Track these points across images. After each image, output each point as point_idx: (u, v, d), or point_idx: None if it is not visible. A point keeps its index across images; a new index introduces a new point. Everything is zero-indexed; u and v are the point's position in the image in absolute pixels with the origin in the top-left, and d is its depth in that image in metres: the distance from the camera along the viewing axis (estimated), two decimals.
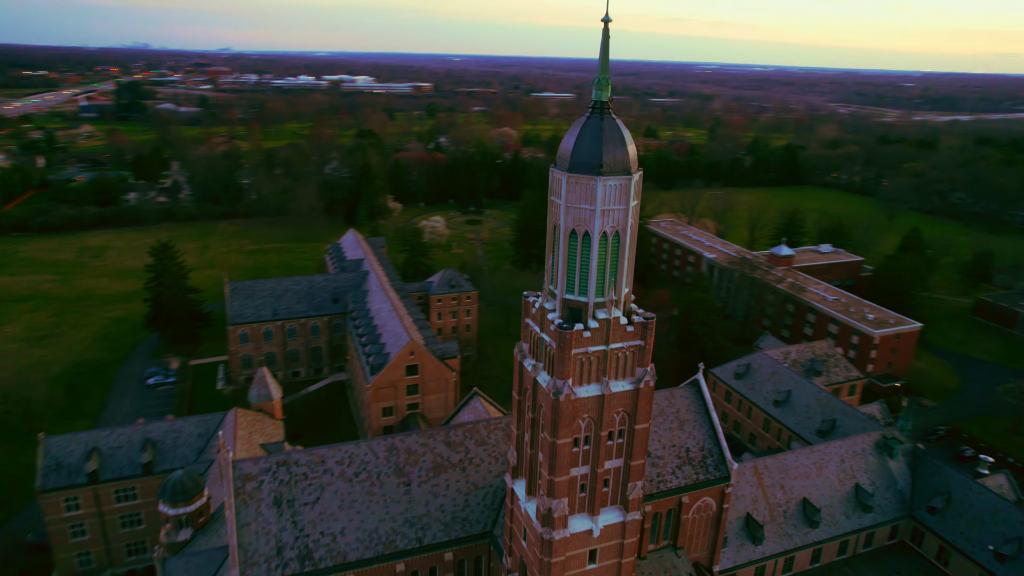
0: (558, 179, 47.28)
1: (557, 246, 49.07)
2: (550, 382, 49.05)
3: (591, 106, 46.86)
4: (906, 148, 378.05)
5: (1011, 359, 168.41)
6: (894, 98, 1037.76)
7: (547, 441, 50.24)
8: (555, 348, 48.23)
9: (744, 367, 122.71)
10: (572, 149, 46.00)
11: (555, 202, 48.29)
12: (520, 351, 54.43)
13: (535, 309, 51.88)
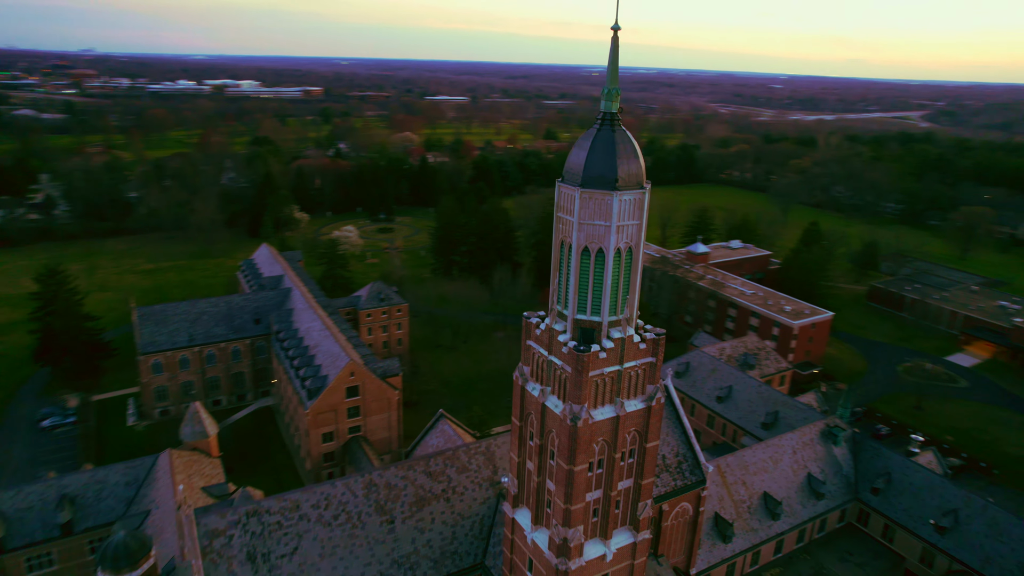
0: (568, 195, 45.01)
1: (566, 264, 46.83)
2: (565, 408, 46.76)
3: (600, 118, 44.91)
4: (790, 146, 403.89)
5: (905, 340, 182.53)
6: (767, 99, 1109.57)
7: (562, 469, 47.90)
8: (570, 372, 46.01)
9: (684, 365, 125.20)
10: (585, 163, 43.90)
11: (565, 219, 46.00)
12: (521, 375, 51.73)
13: (539, 331, 49.37)
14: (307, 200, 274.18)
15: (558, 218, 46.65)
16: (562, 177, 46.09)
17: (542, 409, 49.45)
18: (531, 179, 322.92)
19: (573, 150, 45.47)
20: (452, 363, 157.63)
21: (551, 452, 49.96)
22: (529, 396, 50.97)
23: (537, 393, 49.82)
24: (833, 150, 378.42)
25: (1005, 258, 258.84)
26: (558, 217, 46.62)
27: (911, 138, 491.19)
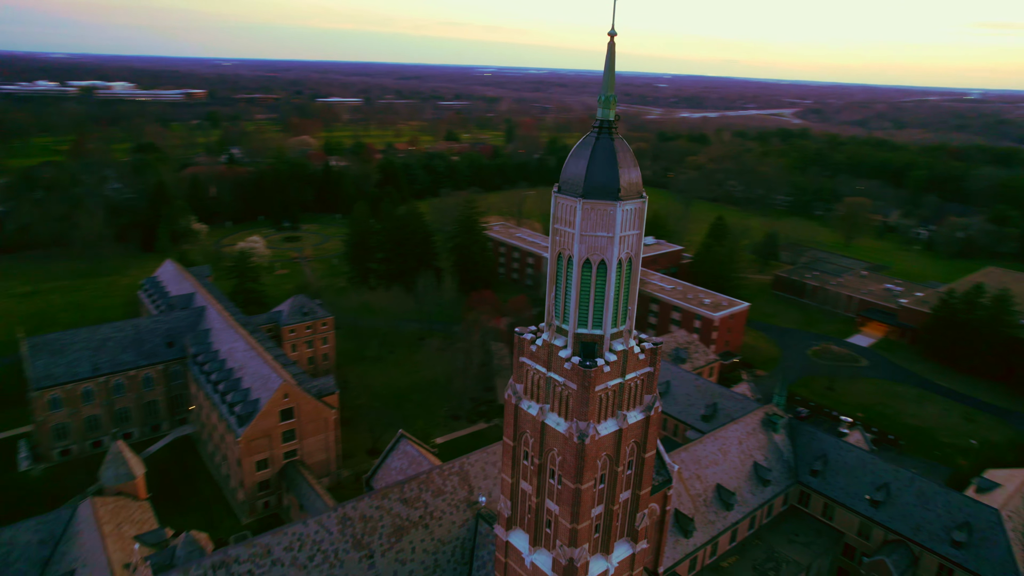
0: (568, 206, 43.42)
1: (565, 277, 45.24)
2: (570, 426, 45.20)
3: (597, 126, 43.64)
4: (684, 143, 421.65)
5: (809, 324, 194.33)
6: (654, 98, 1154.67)
7: (568, 488, 46.33)
8: (575, 389, 44.51)
9: None
10: (585, 173, 42.46)
11: (564, 231, 44.35)
12: (514, 393, 49.68)
13: (536, 347, 47.52)
14: (204, 210, 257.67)
15: (555, 230, 44.95)
16: (558, 187, 44.45)
17: (541, 428, 47.66)
18: (440, 182, 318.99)
19: (570, 159, 43.96)
20: (381, 375, 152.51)
21: (550, 471, 48.29)
22: (525, 415, 49.03)
23: (535, 412, 47.96)
24: (726, 147, 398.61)
25: (883, 243, 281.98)
26: (555, 229, 44.92)
27: (790, 134, 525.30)
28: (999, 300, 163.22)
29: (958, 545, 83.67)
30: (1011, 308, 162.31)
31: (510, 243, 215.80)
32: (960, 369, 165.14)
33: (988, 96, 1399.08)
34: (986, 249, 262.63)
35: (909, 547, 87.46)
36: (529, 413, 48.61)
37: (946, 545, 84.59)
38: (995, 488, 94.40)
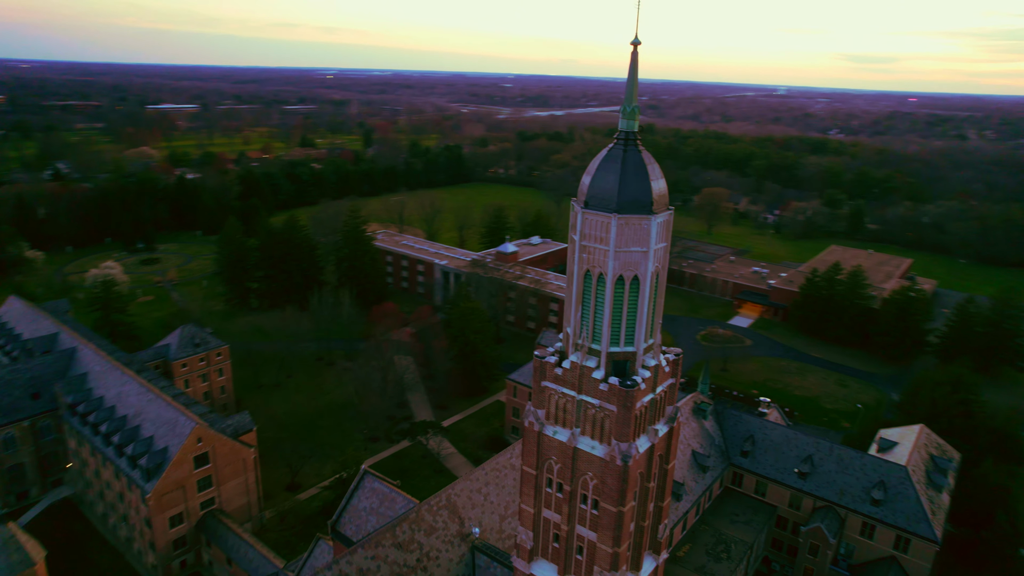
0: (600, 222, 41.68)
1: (596, 295, 43.48)
2: (610, 449, 43.64)
3: (621, 137, 42.31)
4: (546, 142, 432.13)
5: (693, 310, 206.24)
6: (502, 97, 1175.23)
7: (609, 512, 44.76)
8: (614, 410, 43.04)
9: None
10: (618, 187, 40.96)
11: (595, 247, 42.54)
12: (536, 419, 47.24)
13: (561, 369, 45.41)
14: (35, 234, 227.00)
15: (583, 247, 43.02)
16: (584, 203, 42.52)
17: (573, 454, 45.67)
18: (306, 191, 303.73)
19: (597, 173, 42.19)
20: (284, 402, 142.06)
21: (582, 496, 46.51)
22: (550, 442, 46.77)
23: (566, 438, 45.86)
24: (587, 144, 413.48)
25: (738, 229, 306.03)
26: (582, 247, 42.99)
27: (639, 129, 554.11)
28: (853, 276, 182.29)
29: (877, 503, 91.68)
30: (863, 282, 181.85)
31: (397, 251, 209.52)
32: (828, 340, 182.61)
33: (792, 92, 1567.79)
34: (823, 229, 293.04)
35: (836, 511, 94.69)
36: (556, 439, 46.46)
37: (867, 504, 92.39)
38: (894, 446, 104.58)
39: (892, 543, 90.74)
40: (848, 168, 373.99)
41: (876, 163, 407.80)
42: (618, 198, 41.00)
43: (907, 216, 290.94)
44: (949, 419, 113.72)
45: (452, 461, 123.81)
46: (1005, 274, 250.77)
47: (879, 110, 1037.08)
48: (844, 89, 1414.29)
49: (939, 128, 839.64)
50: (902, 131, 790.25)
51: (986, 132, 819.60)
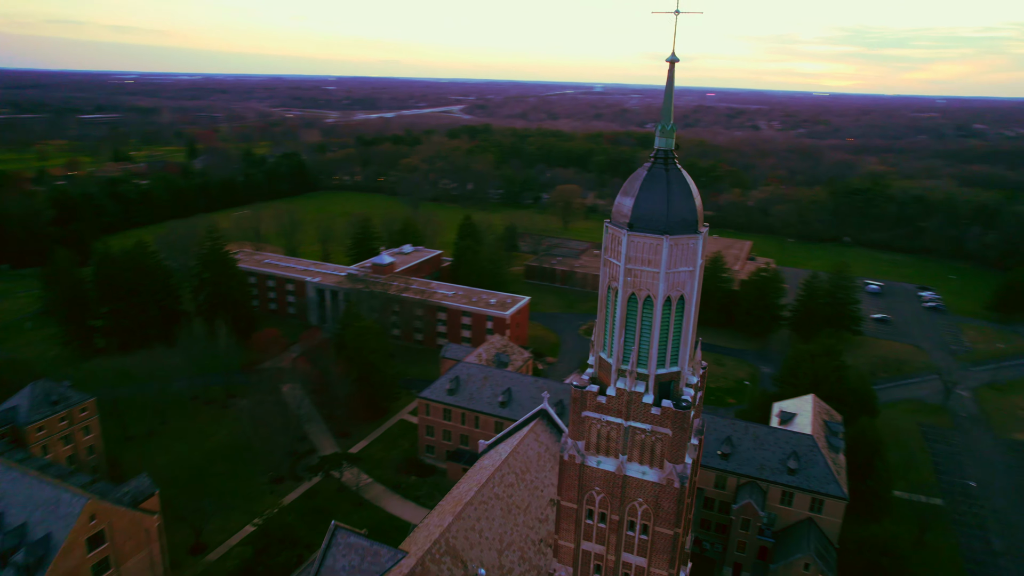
0: (650, 244, 40.50)
1: (642, 318, 42.27)
2: (667, 473, 42.81)
3: (662, 156, 41.37)
4: (391, 146, 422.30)
5: (569, 306, 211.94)
6: (327, 100, 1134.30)
7: (664, 536, 43.99)
8: (669, 433, 42.28)
9: (453, 381, 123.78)
10: (667, 208, 40.02)
11: (642, 271, 41.31)
12: (575, 451, 45.19)
13: (604, 398, 43.75)
14: None
15: (628, 271, 41.62)
16: (629, 225, 41.09)
17: (623, 482, 44.26)
18: (134, 211, 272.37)
19: (641, 194, 40.89)
20: (164, 453, 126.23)
21: (629, 523, 45.33)
22: (593, 473, 44.99)
23: (613, 467, 44.34)
24: (436, 146, 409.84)
25: (592, 223, 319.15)
26: (628, 270, 41.59)
27: (475, 130, 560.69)
28: (714, 261, 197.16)
29: (792, 472, 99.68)
30: (723, 267, 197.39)
31: (262, 272, 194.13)
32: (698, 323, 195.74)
33: (609, 89, 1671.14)
34: None
35: (758, 484, 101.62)
36: (601, 470, 44.81)
37: (784, 474, 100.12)
38: (794, 417, 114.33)
39: (808, 506, 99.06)
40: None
41: (697, 154, 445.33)
42: (667, 219, 40.15)
43: (736, 202, 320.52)
44: (828, 385, 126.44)
45: (371, 491, 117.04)
46: (823, 249, 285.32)
47: (685, 104, 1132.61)
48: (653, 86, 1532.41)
49: (736, 120, 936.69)
50: (708, 123, 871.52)
51: (773, 123, 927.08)
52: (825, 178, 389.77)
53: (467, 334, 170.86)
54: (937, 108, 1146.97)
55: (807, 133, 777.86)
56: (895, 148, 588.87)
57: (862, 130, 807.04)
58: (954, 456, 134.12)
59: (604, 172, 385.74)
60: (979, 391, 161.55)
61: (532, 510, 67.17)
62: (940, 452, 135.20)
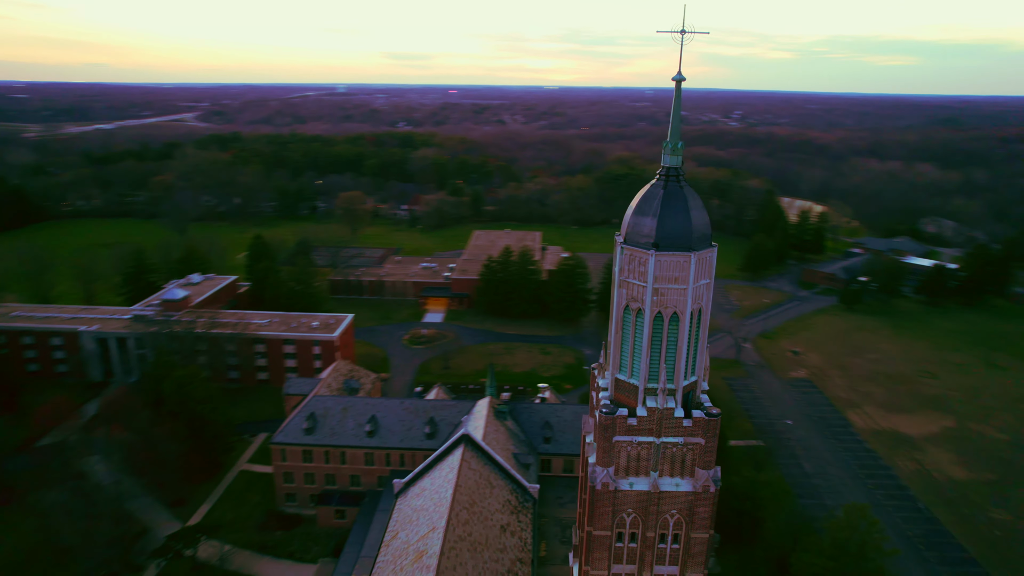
0: (678, 262, 40.83)
1: (668, 334, 42.52)
2: (701, 480, 43.92)
3: (674, 175, 41.59)
4: (134, 163, 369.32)
5: (385, 318, 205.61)
6: (20, 111, 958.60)
7: (700, 540, 45.41)
8: (701, 442, 43.45)
9: (309, 418, 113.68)
10: (691, 225, 40.63)
11: (670, 289, 41.53)
12: (608, 479, 44.25)
13: (635, 419, 43.42)
14: None
15: (655, 290, 41.51)
16: (655, 246, 40.90)
17: (658, 498, 44.48)
18: None
19: (663, 214, 40.70)
20: None
21: (661, 536, 45.88)
22: (625, 496, 44.48)
23: (647, 485, 44.26)
24: (192, 160, 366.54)
25: (379, 229, 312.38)
26: (655, 289, 41.46)
27: (223, 139, 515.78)
28: (523, 255, 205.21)
29: None
30: (532, 260, 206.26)
31: (12, 328, 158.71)
32: (514, 317, 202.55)
33: (353, 89, 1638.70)
34: (453, 216, 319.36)
35: None
36: (635, 491, 44.59)
37: None
38: None
39: None
40: (449, 157, 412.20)
41: (464, 151, 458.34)
42: (692, 236, 40.83)
43: (514, 195, 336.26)
44: None
45: (235, 560, 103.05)
46: (599, 233, 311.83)
47: (432, 102, 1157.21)
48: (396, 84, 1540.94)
49: (483, 115, 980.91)
50: (458, 120, 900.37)
51: (516, 117, 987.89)
52: (579, 166, 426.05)
53: (292, 364, 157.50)
54: (648, 98, 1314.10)
55: (548, 125, 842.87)
56: (627, 135, 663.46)
57: (593, 119, 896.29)
58: (757, 401, 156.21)
59: (378, 175, 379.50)
60: (756, 341, 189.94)
61: (491, 542, 64.49)
62: (746, 400, 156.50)
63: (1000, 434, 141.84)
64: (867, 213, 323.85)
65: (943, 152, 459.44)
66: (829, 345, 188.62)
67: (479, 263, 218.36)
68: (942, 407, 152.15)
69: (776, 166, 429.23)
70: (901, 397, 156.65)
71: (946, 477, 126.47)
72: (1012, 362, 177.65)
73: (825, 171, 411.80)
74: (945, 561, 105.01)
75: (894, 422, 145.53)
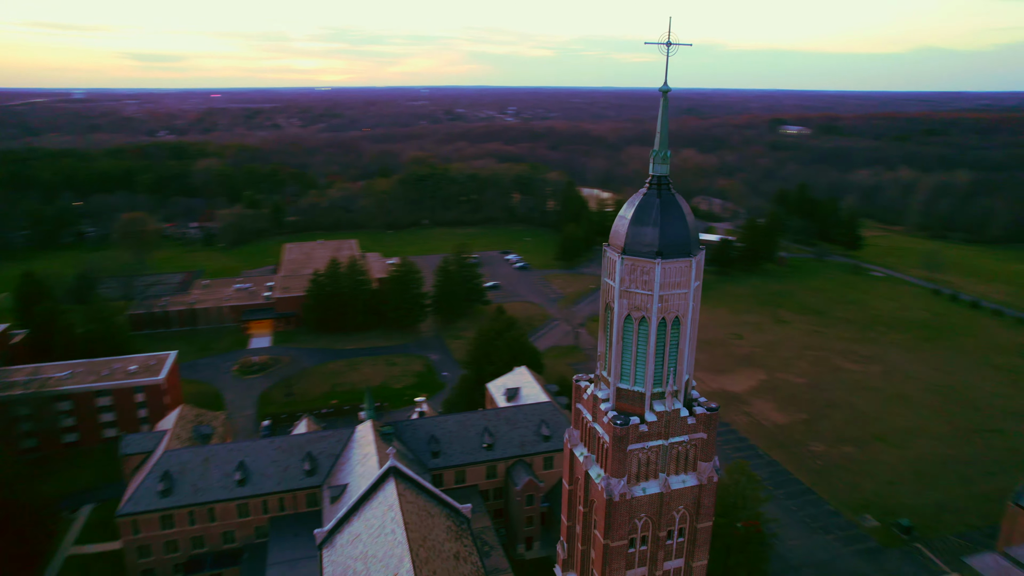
0: (679, 268, 41.84)
1: (670, 339, 43.58)
2: (704, 472, 45.85)
3: (665, 183, 42.36)
4: None
5: (205, 350, 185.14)
6: None
7: (707, 528, 47.15)
8: (704, 436, 45.51)
9: (163, 479, 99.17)
10: (688, 231, 41.97)
11: (673, 294, 42.43)
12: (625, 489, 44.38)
13: (646, 425, 44.03)
14: None
15: (661, 297, 42.20)
16: (658, 254, 41.40)
17: (669, 498, 45.66)
18: None
19: (664, 222, 40.91)
20: None
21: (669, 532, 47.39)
22: (638, 502, 44.80)
23: (659, 487, 45.14)
24: None
25: (170, 252, 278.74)
26: (661, 297, 42.13)
27: None
28: (351, 267, 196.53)
29: (548, 439, 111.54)
30: (362, 270, 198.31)
31: None
32: (351, 330, 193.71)
33: (93, 95, 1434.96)
34: (253, 231, 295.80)
35: (523, 461, 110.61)
36: (647, 495, 45.24)
37: (542, 443, 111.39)
38: (519, 390, 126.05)
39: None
40: (234, 167, 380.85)
41: (248, 159, 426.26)
42: (689, 241, 42.19)
43: (317, 203, 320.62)
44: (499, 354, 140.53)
45: None
46: (411, 235, 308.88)
47: (194, 108, 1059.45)
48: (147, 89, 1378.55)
49: (255, 120, 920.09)
50: (227, 126, 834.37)
51: (292, 120, 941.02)
52: (373, 169, 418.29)
53: (108, 418, 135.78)
54: (424, 96, 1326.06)
55: (328, 127, 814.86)
56: (414, 134, 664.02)
57: (374, 120, 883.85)
58: None
59: (155, 192, 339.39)
60: (588, 325, 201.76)
61: (452, 574, 61.28)
62: None
63: (800, 379, 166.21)
64: None
65: (697, 139, 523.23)
66: None
67: (301, 279, 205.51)
68: (753, 363, 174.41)
69: (563, 158, 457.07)
70: (720, 359, 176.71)
71: (772, 423, 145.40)
72: (792, 316, 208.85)
73: (607, 161, 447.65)
74: (790, 496, 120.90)
75: (721, 382, 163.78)
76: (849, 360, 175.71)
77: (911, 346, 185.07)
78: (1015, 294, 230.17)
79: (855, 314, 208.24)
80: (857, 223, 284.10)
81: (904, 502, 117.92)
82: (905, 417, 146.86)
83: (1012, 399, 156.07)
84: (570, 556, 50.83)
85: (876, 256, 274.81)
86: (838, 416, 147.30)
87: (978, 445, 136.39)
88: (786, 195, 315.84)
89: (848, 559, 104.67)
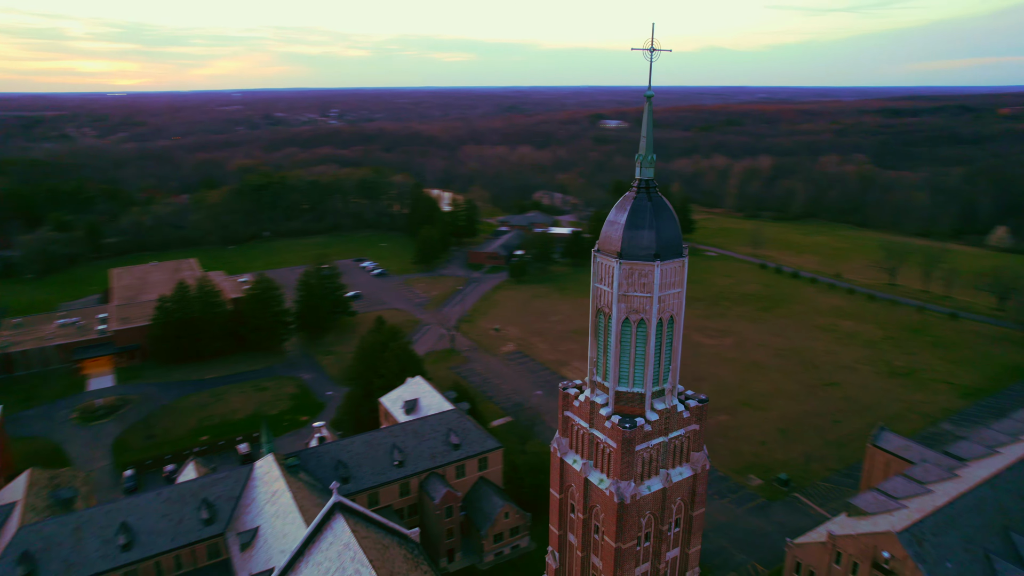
0: (675, 268, 42.87)
1: (666, 338, 44.46)
2: (700, 462, 47.51)
3: (642, 186, 42.94)
4: None
5: (30, 399, 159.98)
6: None
7: (700, 515, 48.90)
8: (697, 427, 47.03)
9: (22, 562, 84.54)
10: (679, 232, 43.09)
11: (671, 294, 43.33)
12: (635, 492, 44.73)
13: (649, 425, 44.68)
14: None
15: (660, 298, 42.84)
16: (656, 256, 41.96)
17: (670, 491, 46.78)
18: None
19: (661, 224, 41.17)
20: None
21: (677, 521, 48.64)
22: (646, 499, 45.58)
23: (662, 482, 46.07)
24: None
25: None
26: (660, 298, 42.79)
27: None
28: (202, 289, 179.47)
29: (457, 446, 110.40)
30: (215, 291, 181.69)
31: None
32: (208, 358, 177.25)
33: None
34: (66, 256, 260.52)
35: (436, 473, 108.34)
36: (652, 492, 45.98)
37: (452, 452, 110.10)
38: (417, 401, 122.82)
39: (477, 467, 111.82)
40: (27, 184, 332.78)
41: (38, 175, 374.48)
42: (680, 241, 43.29)
43: (140, 222, 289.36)
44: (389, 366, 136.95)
45: None
46: (253, 249, 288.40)
47: None
48: None
49: (38, 130, 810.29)
50: (1, 138, 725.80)
51: (85, 129, 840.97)
52: (195, 180, 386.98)
53: None
54: (237, 101, 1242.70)
55: (132, 136, 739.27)
56: (233, 141, 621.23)
57: (184, 127, 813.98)
58: (488, 381, 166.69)
59: None
60: (460, 326, 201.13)
61: None
62: (478, 383, 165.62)
63: None
64: (495, 195, 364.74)
65: (527, 136, 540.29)
66: (519, 316, 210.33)
67: (142, 306, 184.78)
68: None
69: (400, 160, 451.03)
70: None
71: None
72: None
73: (444, 161, 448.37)
74: None
75: None
76: (705, 335, 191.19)
77: (754, 317, 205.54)
78: (822, 263, 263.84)
79: (701, 292, 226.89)
80: (688, 208, 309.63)
81: (778, 459, 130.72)
82: (762, 382, 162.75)
83: (838, 355, 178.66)
84: (563, 564, 50.37)
85: (707, 237, 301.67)
86: (706, 388, 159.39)
87: (822, 398, 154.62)
88: (622, 186, 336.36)
89: (744, 518, 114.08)
